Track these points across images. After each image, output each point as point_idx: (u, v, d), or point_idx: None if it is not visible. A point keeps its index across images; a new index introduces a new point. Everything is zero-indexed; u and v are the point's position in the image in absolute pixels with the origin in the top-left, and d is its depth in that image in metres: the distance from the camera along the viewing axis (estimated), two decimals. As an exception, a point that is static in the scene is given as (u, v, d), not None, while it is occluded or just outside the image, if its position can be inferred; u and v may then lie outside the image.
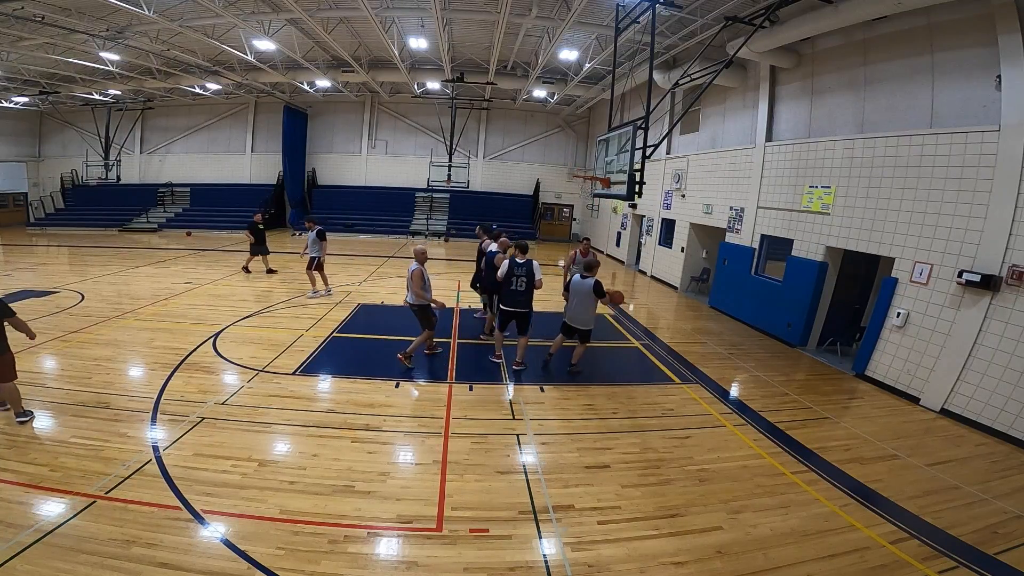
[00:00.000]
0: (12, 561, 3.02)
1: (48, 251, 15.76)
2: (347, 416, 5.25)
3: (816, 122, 8.95)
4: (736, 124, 11.43)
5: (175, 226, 20.96)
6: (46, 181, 23.55)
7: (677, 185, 13.40)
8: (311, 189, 23.04)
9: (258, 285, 11.31)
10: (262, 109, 22.61)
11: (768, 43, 8.70)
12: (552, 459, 4.67)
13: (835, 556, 3.55)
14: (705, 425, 5.57)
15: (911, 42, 7.05)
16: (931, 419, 6.14)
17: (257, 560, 3.18)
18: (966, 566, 3.50)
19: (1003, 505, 4.28)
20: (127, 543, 3.24)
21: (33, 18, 11.04)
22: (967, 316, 6.03)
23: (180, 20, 11.20)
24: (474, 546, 3.47)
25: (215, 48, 13.67)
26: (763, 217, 10.00)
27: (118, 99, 20.56)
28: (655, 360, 7.72)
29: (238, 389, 5.78)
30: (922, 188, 6.67)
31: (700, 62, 10.04)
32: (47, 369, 6.17)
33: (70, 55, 14.34)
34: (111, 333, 7.52)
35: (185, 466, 4.15)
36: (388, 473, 4.28)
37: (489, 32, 13.32)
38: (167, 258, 14.49)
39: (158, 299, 9.38)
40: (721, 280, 11.26)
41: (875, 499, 4.28)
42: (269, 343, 7.36)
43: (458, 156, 21.93)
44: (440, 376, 6.60)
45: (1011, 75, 5.67)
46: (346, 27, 13.43)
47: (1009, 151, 5.64)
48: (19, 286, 10.14)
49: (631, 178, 7.99)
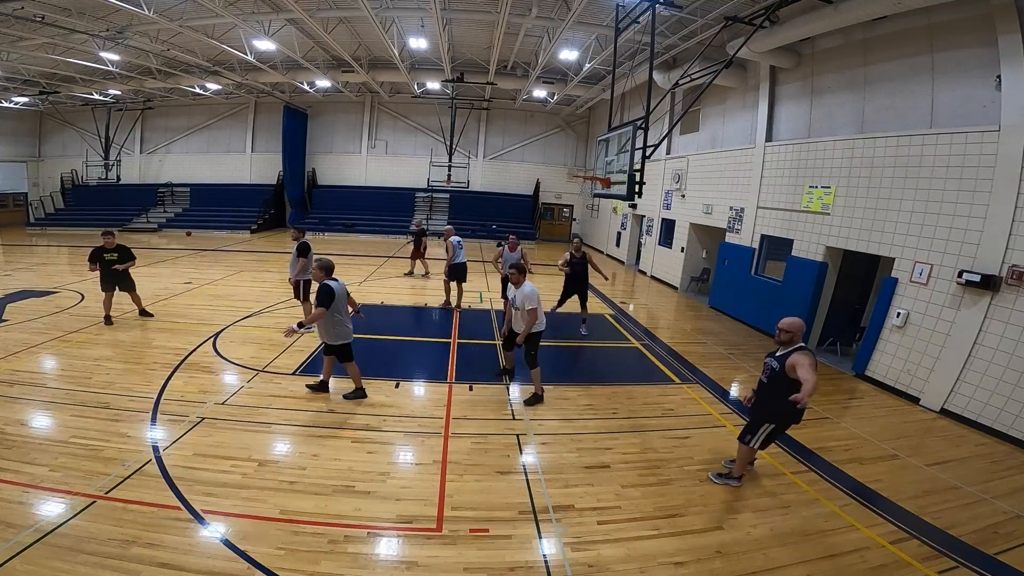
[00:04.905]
0: (12, 561, 3.02)
1: (48, 251, 15.77)
2: (347, 416, 5.25)
3: (816, 122, 8.95)
4: (736, 124, 11.43)
5: (175, 226, 20.96)
6: (46, 181, 23.54)
7: (677, 185, 13.40)
8: (311, 189, 23.05)
9: (258, 285, 11.30)
10: (262, 109, 22.62)
11: (768, 43, 8.70)
12: (552, 459, 4.67)
13: (835, 556, 3.55)
14: (705, 425, 5.57)
15: (911, 42, 7.05)
16: (931, 419, 6.14)
17: (257, 560, 3.18)
18: (966, 566, 3.50)
19: (1003, 505, 4.28)
20: (127, 543, 3.24)
21: (33, 18, 11.04)
22: (967, 316, 6.03)
23: (180, 20, 11.20)
24: (474, 546, 3.47)
25: (215, 48, 13.67)
26: (763, 217, 10.00)
27: (118, 99, 20.57)
28: (655, 360, 7.72)
29: (238, 389, 5.78)
30: (922, 188, 6.67)
31: (700, 62, 10.03)
32: (47, 369, 6.16)
33: (70, 55, 14.34)
34: (111, 333, 7.52)
35: (185, 466, 4.15)
36: (388, 473, 4.28)
37: (489, 32, 13.32)
38: (167, 258, 14.48)
39: (158, 299, 9.37)
40: (721, 280, 11.26)
41: (875, 499, 4.28)
42: (269, 343, 7.36)
43: (458, 156, 21.93)
44: (442, 376, 6.59)
45: (1011, 75, 5.67)
46: (346, 27, 13.43)
47: (1009, 151, 5.64)
48: (19, 286, 10.14)
49: (631, 178, 8.00)
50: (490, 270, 14.38)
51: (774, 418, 4.05)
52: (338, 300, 5.20)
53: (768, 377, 4.04)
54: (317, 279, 5.29)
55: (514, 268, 5.70)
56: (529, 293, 5.47)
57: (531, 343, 5.64)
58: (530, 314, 5.44)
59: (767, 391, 4.06)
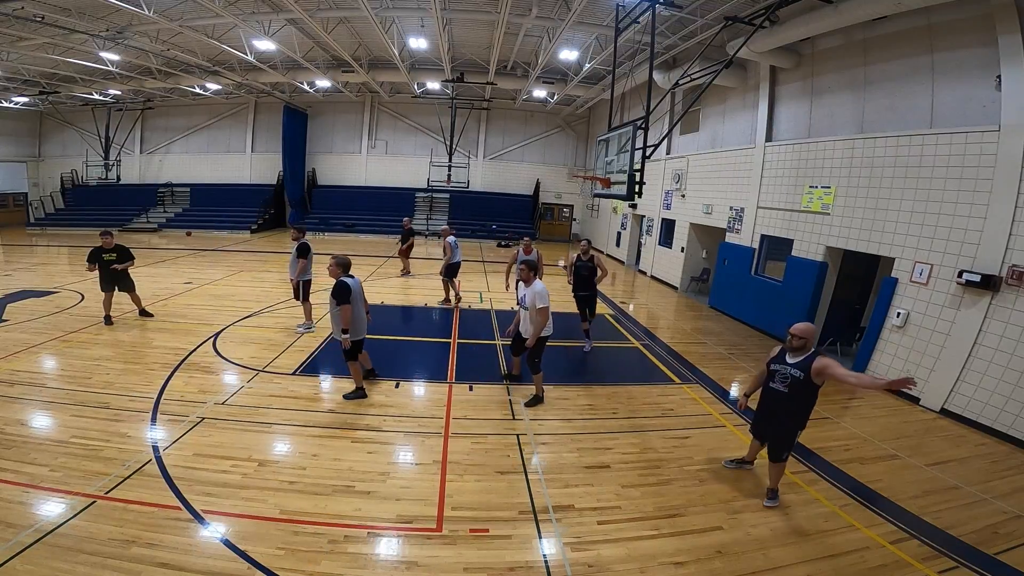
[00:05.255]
0: (12, 561, 3.02)
1: (48, 251, 15.77)
2: (347, 416, 5.25)
3: (816, 122, 8.95)
4: (736, 124, 11.43)
5: (175, 226, 20.96)
6: (46, 181, 23.54)
7: (677, 185, 13.40)
8: (311, 189, 23.05)
9: (258, 285, 11.30)
10: (262, 109, 22.61)
11: (768, 43, 8.70)
12: (552, 459, 4.67)
13: (835, 556, 3.55)
14: (705, 425, 5.57)
15: (911, 42, 7.05)
16: (931, 419, 6.14)
17: (257, 560, 3.18)
18: (966, 566, 3.50)
19: (1003, 505, 4.28)
20: (127, 543, 3.24)
21: (33, 18, 11.04)
22: (967, 316, 6.03)
23: (180, 20, 11.21)
24: (474, 546, 3.47)
25: (215, 48, 13.67)
26: (763, 217, 10.00)
27: (118, 99, 20.57)
28: (655, 360, 7.72)
29: (238, 389, 5.78)
30: (922, 188, 6.67)
31: (700, 62, 10.03)
32: (47, 369, 6.16)
33: (70, 55, 14.34)
34: (111, 333, 7.52)
35: (185, 466, 4.15)
36: (388, 473, 4.28)
37: (489, 32, 13.32)
38: (167, 258, 14.48)
39: (158, 299, 9.37)
40: (721, 280, 11.26)
41: (875, 499, 4.28)
42: (269, 343, 7.36)
43: (458, 156, 21.93)
44: (442, 376, 6.59)
45: (1011, 75, 5.67)
46: (346, 27, 13.43)
47: (1009, 151, 5.64)
48: (19, 286, 10.15)
49: (631, 178, 8.00)
50: (490, 270, 14.40)
51: (803, 423, 3.93)
52: (355, 296, 5.26)
53: (788, 386, 3.86)
54: (334, 275, 5.36)
55: (525, 264, 5.46)
56: (540, 291, 5.29)
57: (536, 348, 5.45)
58: (540, 314, 5.23)
59: (788, 400, 3.88)
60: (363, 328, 5.52)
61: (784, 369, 3.91)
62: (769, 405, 4.08)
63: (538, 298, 5.28)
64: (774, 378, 3.99)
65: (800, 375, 3.80)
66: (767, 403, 4.10)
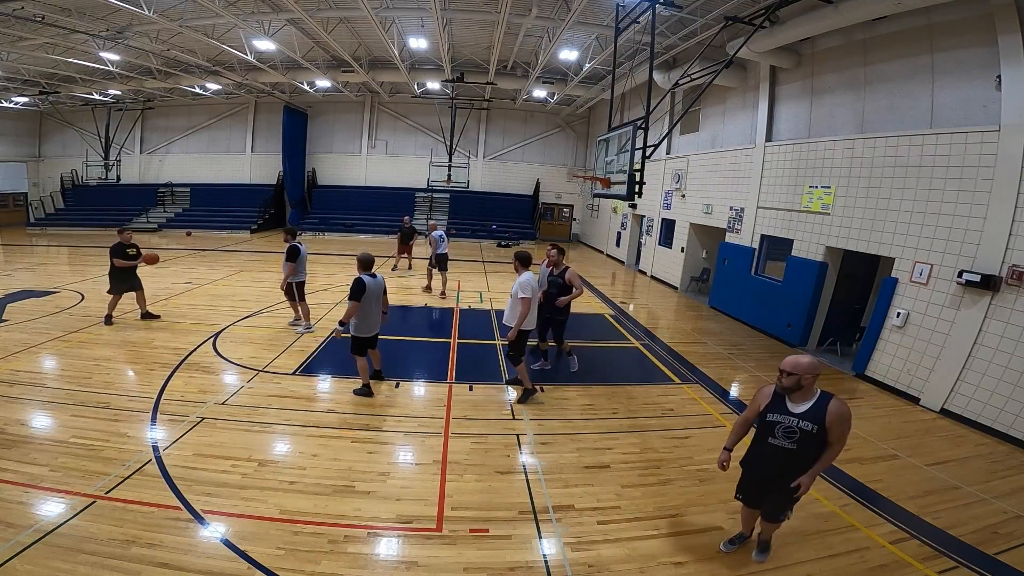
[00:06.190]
0: (12, 561, 3.02)
1: (48, 251, 15.76)
2: (347, 416, 5.25)
3: (816, 122, 8.95)
4: (736, 124, 11.43)
5: (175, 226, 20.95)
6: (46, 181, 23.54)
7: (677, 185, 13.40)
8: (311, 189, 23.05)
9: (258, 285, 11.30)
10: (262, 109, 22.62)
11: (768, 43, 8.70)
12: (552, 459, 4.67)
13: (835, 556, 3.55)
14: (705, 425, 5.57)
15: (911, 42, 7.05)
16: (931, 419, 6.14)
17: (257, 560, 3.18)
18: (966, 566, 3.50)
19: (1003, 505, 4.28)
20: (127, 543, 3.24)
21: (33, 18, 11.04)
22: (967, 316, 6.03)
23: (180, 20, 11.20)
24: (474, 546, 3.47)
25: (215, 48, 13.68)
26: (763, 217, 10.00)
27: (118, 99, 20.57)
28: (655, 360, 7.72)
29: (238, 389, 5.78)
30: (922, 188, 6.67)
31: (700, 62, 10.03)
32: (47, 369, 6.16)
33: (70, 55, 14.34)
34: (111, 333, 7.52)
35: (185, 466, 4.15)
36: (388, 473, 4.28)
37: (489, 32, 13.32)
38: (167, 258, 14.43)
39: (158, 299, 9.37)
40: (721, 280, 11.26)
41: (875, 499, 4.28)
42: (269, 343, 7.36)
43: (458, 156, 21.94)
44: (442, 376, 6.59)
45: (1011, 75, 5.67)
46: (346, 27, 13.43)
47: (1009, 151, 5.64)
48: (19, 286, 10.14)
49: (631, 178, 8.00)
50: (490, 270, 14.39)
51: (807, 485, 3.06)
52: (370, 294, 5.33)
53: (797, 442, 2.99)
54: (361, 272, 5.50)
55: (517, 259, 5.63)
56: (524, 281, 5.40)
57: (516, 342, 5.52)
58: (521, 303, 5.34)
59: (799, 458, 3.01)
60: (374, 326, 5.60)
61: (789, 421, 3.02)
62: (770, 467, 3.12)
63: (520, 288, 5.37)
64: (774, 433, 3.06)
65: (812, 428, 2.97)
66: (766, 464, 3.14)
